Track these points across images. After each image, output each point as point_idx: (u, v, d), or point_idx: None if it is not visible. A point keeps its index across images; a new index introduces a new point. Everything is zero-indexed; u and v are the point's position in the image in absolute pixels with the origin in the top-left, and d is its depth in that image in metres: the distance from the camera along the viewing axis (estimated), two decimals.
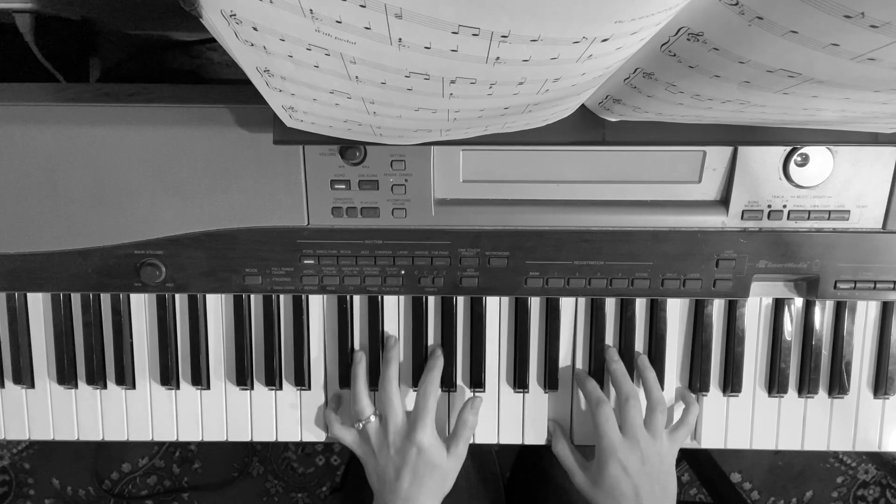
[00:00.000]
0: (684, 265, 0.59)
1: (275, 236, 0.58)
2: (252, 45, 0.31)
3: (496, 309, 0.65)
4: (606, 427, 0.60)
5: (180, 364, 0.65)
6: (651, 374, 0.63)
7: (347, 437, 0.63)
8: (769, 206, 0.57)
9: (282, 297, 0.64)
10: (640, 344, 0.65)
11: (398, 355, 0.64)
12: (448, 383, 0.65)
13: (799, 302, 0.64)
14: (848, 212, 0.57)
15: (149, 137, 0.56)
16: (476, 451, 0.83)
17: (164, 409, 0.66)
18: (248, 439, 0.66)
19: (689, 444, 0.66)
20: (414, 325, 0.64)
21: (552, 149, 0.57)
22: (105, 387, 0.66)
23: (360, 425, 0.62)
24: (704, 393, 0.65)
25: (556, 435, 0.65)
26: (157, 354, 0.65)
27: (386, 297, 0.64)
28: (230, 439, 0.66)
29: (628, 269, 0.59)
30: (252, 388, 0.66)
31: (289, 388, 0.66)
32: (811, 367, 0.64)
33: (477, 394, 0.65)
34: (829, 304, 0.64)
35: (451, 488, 0.64)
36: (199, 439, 0.66)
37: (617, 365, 0.63)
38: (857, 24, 0.24)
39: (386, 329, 0.65)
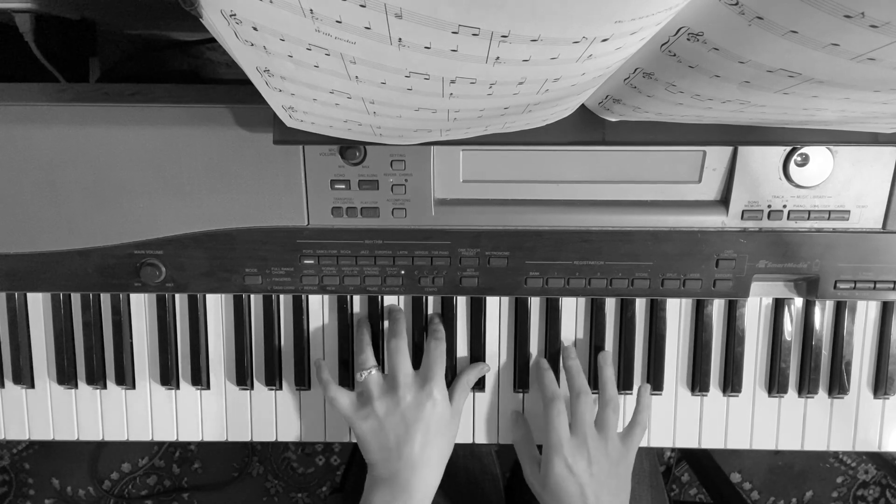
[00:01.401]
0: (684, 265, 0.59)
1: (275, 236, 0.58)
2: (252, 45, 0.31)
3: (496, 309, 0.65)
4: (557, 422, 0.58)
5: (180, 364, 0.65)
6: (608, 370, 0.62)
7: (344, 399, 0.59)
8: (769, 206, 0.57)
9: (282, 297, 0.64)
10: (639, 344, 0.65)
11: (405, 321, 0.62)
12: (448, 384, 0.65)
13: (799, 302, 0.64)
14: (848, 212, 0.57)
15: (149, 137, 0.56)
16: (476, 451, 0.83)
17: (164, 409, 0.66)
18: (248, 439, 0.66)
19: (689, 444, 0.66)
20: (414, 325, 0.64)
21: (552, 149, 0.57)
22: (105, 387, 0.66)
23: (363, 375, 0.58)
24: (704, 393, 0.65)
25: (517, 424, 0.63)
26: (157, 354, 0.65)
27: (386, 298, 0.64)
28: (230, 439, 0.66)
29: (628, 269, 0.59)
30: (252, 388, 0.66)
31: (289, 388, 0.66)
32: (811, 367, 0.64)
33: (477, 393, 0.65)
34: (829, 304, 0.64)
35: (451, 488, 0.64)
36: (199, 439, 0.66)
37: (572, 362, 0.62)
38: (857, 24, 0.24)
39: (386, 329, 0.65)
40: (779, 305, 0.64)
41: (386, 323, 0.64)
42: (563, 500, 0.56)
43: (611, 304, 0.64)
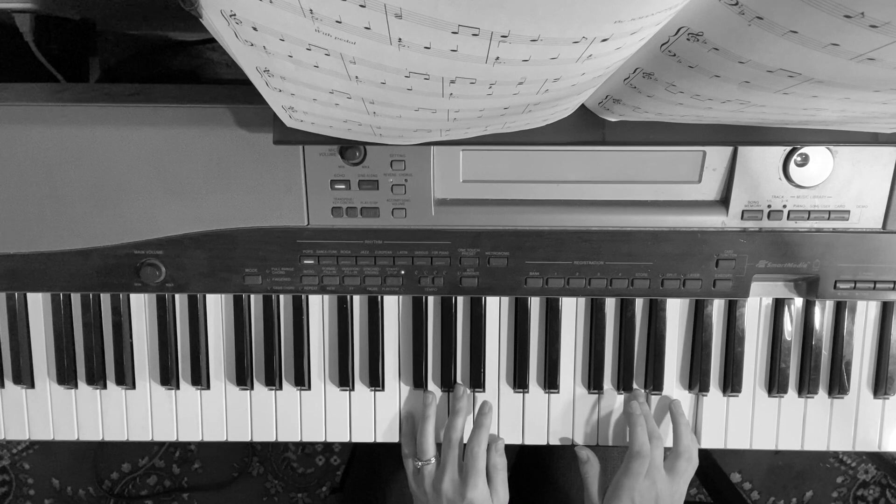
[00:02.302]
0: (684, 265, 0.59)
1: (275, 236, 0.58)
2: (252, 45, 0.31)
3: (496, 309, 0.65)
4: (635, 482, 0.60)
5: (180, 364, 0.65)
6: (683, 419, 0.64)
7: (410, 469, 0.65)
8: (769, 206, 0.57)
9: (282, 297, 0.64)
10: (640, 344, 0.65)
11: (467, 407, 0.65)
12: (448, 384, 0.65)
13: (799, 302, 0.64)
14: (848, 212, 0.57)
15: (149, 137, 0.56)
16: None
17: (164, 409, 0.66)
18: (248, 439, 0.66)
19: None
20: (414, 325, 0.64)
21: (552, 149, 0.57)
22: (105, 387, 0.66)
23: (420, 465, 0.63)
24: (704, 393, 0.65)
25: (589, 462, 0.65)
26: (157, 354, 0.65)
27: (386, 297, 0.64)
28: (230, 439, 0.66)
29: (628, 269, 0.59)
30: (252, 388, 0.66)
31: (289, 388, 0.66)
32: (811, 367, 0.64)
33: (477, 393, 0.65)
34: (829, 304, 0.64)
35: None
36: (199, 439, 0.66)
37: (644, 407, 0.64)
38: (857, 24, 0.24)
39: (386, 330, 0.65)
40: (779, 305, 0.64)
41: (386, 329, 0.64)
42: None
43: (611, 304, 0.64)
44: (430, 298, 0.64)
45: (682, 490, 0.62)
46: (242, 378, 0.65)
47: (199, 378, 0.65)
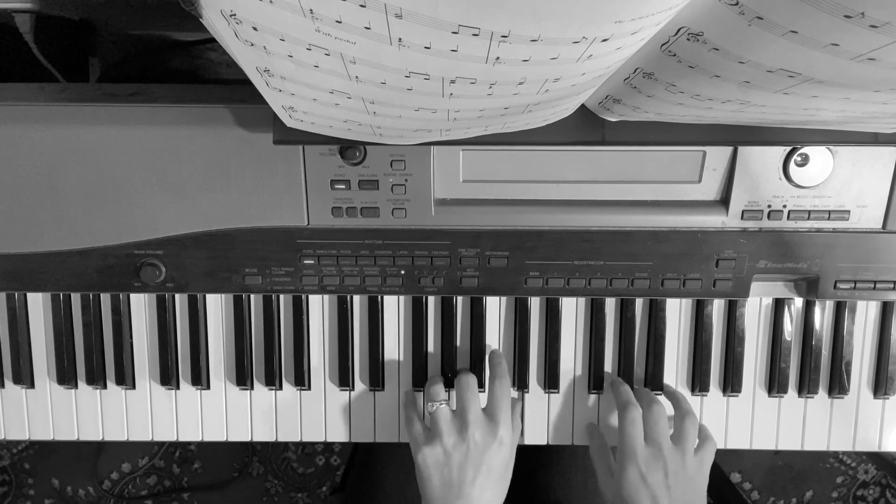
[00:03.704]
0: (684, 265, 0.59)
1: (275, 236, 0.58)
2: (252, 45, 0.31)
3: (496, 309, 0.65)
4: (631, 430, 0.58)
5: (180, 364, 0.65)
6: (679, 393, 0.63)
7: (417, 426, 0.59)
8: (769, 206, 0.57)
9: (282, 297, 0.64)
10: (640, 344, 0.65)
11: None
12: (448, 384, 0.65)
13: (799, 302, 0.64)
14: (848, 212, 0.57)
15: (149, 137, 0.56)
16: None
17: (164, 409, 0.66)
18: (248, 439, 0.66)
19: None
20: (414, 325, 0.64)
21: (552, 149, 0.57)
22: (105, 387, 0.66)
23: (434, 406, 0.57)
24: (704, 393, 0.65)
25: (593, 435, 0.64)
26: (157, 354, 0.65)
27: (386, 297, 0.64)
28: (230, 439, 0.66)
29: (628, 269, 0.59)
30: (252, 388, 0.66)
31: (289, 388, 0.66)
32: (811, 367, 0.64)
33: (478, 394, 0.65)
34: (829, 304, 0.64)
35: None
36: (199, 439, 0.66)
37: (641, 388, 0.63)
38: (857, 24, 0.24)
39: (386, 330, 0.65)
40: (779, 305, 0.64)
41: (387, 329, 0.64)
42: None
43: (611, 304, 0.64)
44: (430, 298, 0.64)
45: (698, 468, 0.58)
46: (242, 378, 0.65)
47: (199, 378, 0.65)
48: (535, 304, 0.64)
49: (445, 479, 0.56)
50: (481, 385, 0.65)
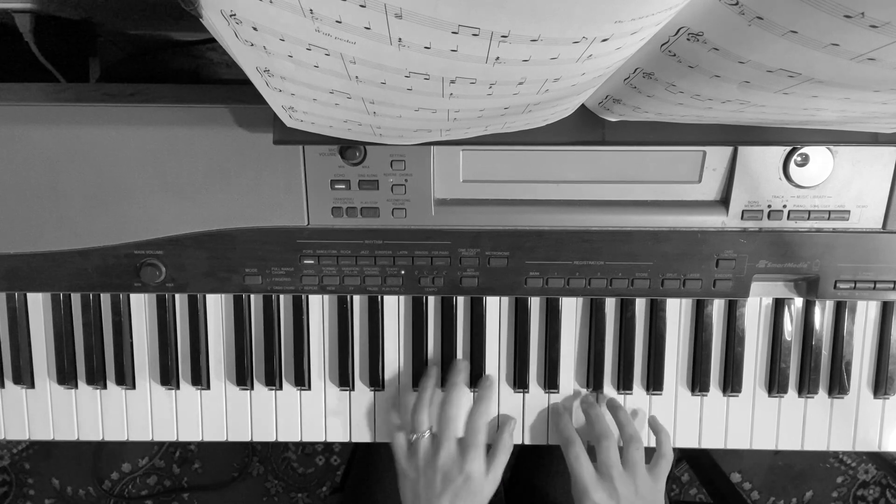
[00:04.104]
0: (684, 265, 0.59)
1: (275, 236, 0.58)
2: (252, 45, 0.31)
3: (496, 309, 0.65)
4: (576, 468, 0.60)
5: (180, 364, 0.65)
6: (622, 411, 0.64)
7: (401, 442, 0.62)
8: (769, 206, 0.57)
9: (282, 297, 0.64)
10: (640, 344, 0.65)
11: (465, 380, 0.64)
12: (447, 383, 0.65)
13: (799, 302, 0.64)
14: (848, 212, 0.57)
15: (149, 137, 0.56)
16: None
17: (164, 409, 0.66)
18: (248, 439, 0.66)
19: (689, 444, 0.66)
20: (414, 325, 0.64)
21: (552, 149, 0.57)
22: (105, 387, 0.66)
23: (415, 437, 0.61)
24: (704, 393, 0.65)
25: (574, 444, 0.64)
26: (157, 354, 0.65)
27: (386, 297, 0.64)
28: (230, 439, 0.66)
29: (628, 269, 0.59)
30: (252, 388, 0.66)
31: (289, 388, 0.66)
32: (811, 367, 0.64)
33: (477, 393, 0.65)
34: (829, 304, 0.64)
35: None
36: (199, 439, 0.66)
37: (590, 408, 0.63)
38: (857, 24, 0.24)
39: (386, 330, 0.65)
40: (779, 305, 0.64)
41: (387, 329, 0.64)
42: None
43: (611, 304, 0.64)
44: (431, 298, 0.64)
45: (651, 486, 0.60)
46: (242, 378, 0.65)
47: (199, 378, 0.65)
48: (535, 304, 0.64)
49: (417, 493, 0.60)
50: (475, 384, 0.65)
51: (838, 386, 0.64)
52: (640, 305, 0.64)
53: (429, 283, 0.60)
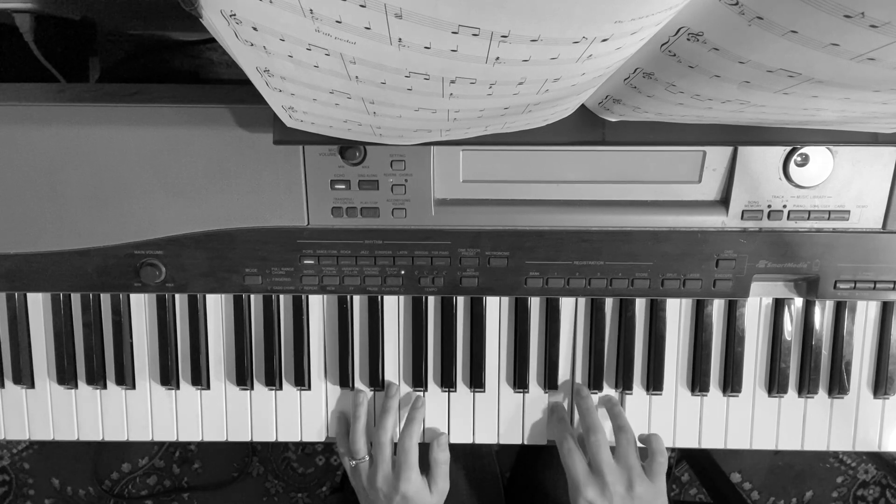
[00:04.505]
0: (684, 265, 0.59)
1: (275, 236, 0.58)
2: (252, 45, 0.31)
3: (496, 309, 0.65)
4: (569, 463, 0.60)
5: (180, 364, 0.65)
6: (617, 406, 0.64)
7: (346, 465, 0.65)
8: (769, 206, 0.57)
9: (282, 297, 0.64)
10: (639, 344, 0.65)
11: (397, 405, 0.65)
12: (448, 383, 0.65)
13: (799, 302, 0.64)
14: (848, 212, 0.57)
15: (149, 137, 0.56)
16: (476, 451, 0.83)
17: (164, 409, 0.66)
18: (248, 439, 0.66)
19: (689, 444, 0.66)
20: (414, 325, 0.64)
21: (552, 149, 0.57)
22: (105, 387, 0.66)
23: (354, 463, 0.63)
24: (704, 393, 0.65)
25: (567, 440, 0.64)
26: (157, 354, 0.65)
27: (386, 297, 0.64)
28: (230, 439, 0.66)
29: (628, 269, 0.59)
30: (252, 388, 0.66)
31: (289, 388, 0.66)
32: (811, 367, 0.64)
33: (477, 393, 0.65)
34: (829, 304, 0.64)
35: (451, 488, 0.64)
36: (199, 439, 0.66)
37: (582, 400, 0.63)
38: (857, 24, 0.24)
39: (386, 329, 0.65)
40: (779, 305, 0.64)
41: (386, 329, 0.65)
42: None
43: (611, 304, 0.64)
44: (430, 298, 0.64)
45: (663, 487, 0.60)
46: (242, 378, 0.65)
47: (199, 378, 0.65)
48: (535, 304, 0.64)
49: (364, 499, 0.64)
50: (479, 385, 0.65)
51: (838, 386, 0.64)
52: (640, 305, 0.64)
53: (429, 283, 0.60)
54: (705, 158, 0.56)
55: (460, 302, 0.64)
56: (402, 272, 0.59)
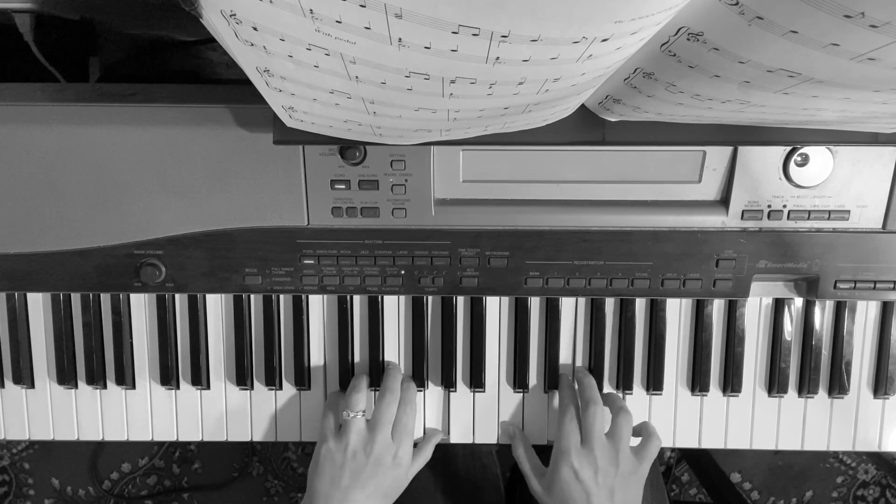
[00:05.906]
0: (684, 265, 0.59)
1: (275, 236, 0.58)
2: (252, 45, 0.31)
3: (496, 309, 0.65)
4: (567, 428, 0.59)
5: (180, 364, 0.65)
6: (612, 392, 0.64)
7: (329, 424, 0.62)
8: (769, 206, 0.57)
9: (282, 297, 0.64)
10: (640, 344, 0.65)
11: (398, 386, 0.63)
12: (448, 383, 0.65)
13: (799, 302, 0.64)
14: (848, 212, 0.57)
15: (149, 137, 0.56)
16: (476, 451, 0.83)
17: (164, 409, 0.66)
18: (248, 439, 0.66)
19: (689, 444, 0.66)
20: (414, 324, 0.64)
21: (552, 149, 0.57)
22: (105, 387, 0.66)
23: (349, 415, 0.60)
24: (704, 393, 0.65)
25: (515, 439, 0.64)
26: (157, 354, 0.65)
27: (386, 297, 0.64)
28: (230, 439, 0.66)
29: (628, 269, 0.59)
30: (252, 388, 0.66)
31: (289, 388, 0.66)
32: (811, 367, 0.64)
33: (477, 393, 0.65)
34: (829, 304, 0.64)
35: (452, 488, 0.64)
36: (199, 439, 0.66)
37: (585, 377, 0.63)
38: (857, 24, 0.24)
39: (386, 329, 0.65)
40: (779, 305, 0.64)
41: (387, 329, 0.65)
42: None
43: (611, 304, 0.64)
44: (430, 298, 0.64)
45: (632, 460, 0.59)
46: (242, 378, 0.65)
47: (199, 378, 0.65)
48: (535, 304, 0.64)
49: (335, 479, 0.58)
50: (480, 385, 0.65)
51: (838, 386, 0.64)
52: (640, 305, 0.64)
53: (429, 283, 0.60)
54: (705, 158, 0.56)
55: (460, 302, 0.64)
56: (402, 272, 0.59)
